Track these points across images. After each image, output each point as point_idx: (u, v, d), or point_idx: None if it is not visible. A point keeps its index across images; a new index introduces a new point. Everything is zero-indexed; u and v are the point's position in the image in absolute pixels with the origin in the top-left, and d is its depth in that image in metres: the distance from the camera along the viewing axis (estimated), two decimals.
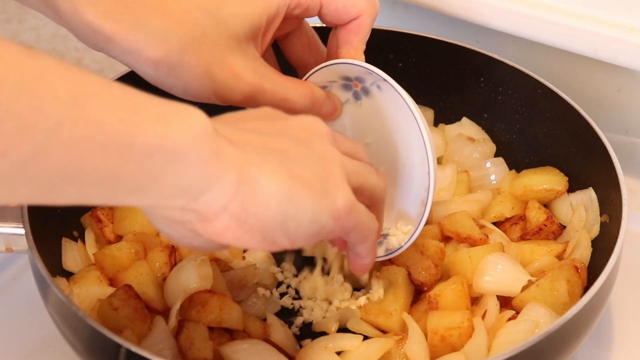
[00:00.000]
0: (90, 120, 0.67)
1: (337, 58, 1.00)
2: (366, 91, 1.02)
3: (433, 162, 0.97)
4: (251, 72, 0.95)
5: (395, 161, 1.04)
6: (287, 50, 1.05)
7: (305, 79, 1.03)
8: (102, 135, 0.67)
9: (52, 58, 0.67)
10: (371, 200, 0.90)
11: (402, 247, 1.02)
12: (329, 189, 0.80)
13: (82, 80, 0.68)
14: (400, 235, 1.02)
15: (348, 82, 1.02)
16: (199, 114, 0.73)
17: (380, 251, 1.03)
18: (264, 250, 0.79)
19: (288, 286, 1.10)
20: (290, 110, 0.97)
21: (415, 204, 1.02)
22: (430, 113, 1.25)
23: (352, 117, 1.05)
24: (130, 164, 0.69)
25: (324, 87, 1.02)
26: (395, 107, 0.99)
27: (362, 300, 1.06)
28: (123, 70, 1.14)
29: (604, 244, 1.03)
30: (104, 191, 0.70)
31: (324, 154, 0.83)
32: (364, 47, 1.01)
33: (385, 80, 0.97)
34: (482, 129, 1.23)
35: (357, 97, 1.03)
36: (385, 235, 1.03)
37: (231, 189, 0.74)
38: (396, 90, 0.97)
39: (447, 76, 1.24)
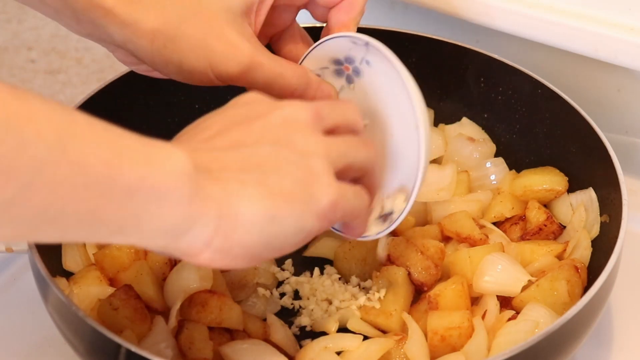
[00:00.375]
0: (74, 162, 0.68)
1: None
2: (357, 72, 1.00)
3: (423, 125, 0.94)
4: (247, 43, 0.95)
5: (392, 135, 1.01)
6: (280, 50, 1.05)
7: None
8: (85, 177, 0.68)
9: (36, 97, 0.68)
10: (362, 172, 0.90)
11: (398, 218, 0.99)
12: (312, 192, 0.81)
13: (67, 120, 0.69)
14: (398, 205, 1.01)
15: (339, 67, 1.01)
16: (179, 154, 0.75)
17: (382, 227, 1.01)
18: (253, 265, 0.80)
19: (287, 285, 1.10)
20: (285, 88, 0.97)
21: (412, 175, 1.00)
22: (430, 113, 1.25)
23: None
24: (112, 205, 0.71)
25: (317, 75, 1.02)
26: (386, 77, 0.97)
27: (362, 300, 1.06)
28: (123, 70, 1.14)
29: (604, 244, 1.03)
30: (86, 231, 0.72)
31: (305, 151, 0.82)
32: (356, 27, 1.00)
33: (371, 45, 0.96)
34: (482, 129, 1.23)
35: (349, 81, 1.02)
36: (389, 214, 1.01)
37: (213, 226, 0.76)
38: (382, 53, 0.95)
39: (447, 76, 1.24)
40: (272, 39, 1.05)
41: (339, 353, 1.00)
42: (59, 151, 0.67)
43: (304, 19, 1.06)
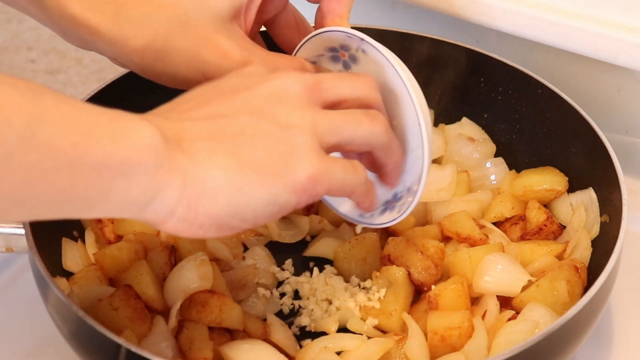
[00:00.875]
0: (43, 146, 0.69)
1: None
2: (354, 59, 1.00)
3: (424, 118, 0.94)
4: (239, 49, 0.95)
5: (393, 127, 1.00)
6: (276, 34, 1.05)
7: (294, 56, 1.02)
8: (53, 160, 0.70)
9: (7, 83, 0.69)
10: (368, 147, 0.89)
11: (405, 212, 1.00)
12: (289, 165, 0.81)
13: (36, 105, 0.70)
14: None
15: (335, 53, 1.00)
16: (146, 128, 0.76)
17: (389, 216, 1.01)
18: (226, 234, 0.80)
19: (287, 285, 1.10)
20: None
21: (415, 164, 0.99)
22: (430, 113, 1.25)
23: None
24: (81, 184, 0.72)
25: (313, 63, 1.02)
26: (383, 69, 0.97)
27: (362, 300, 1.06)
28: (123, 70, 1.14)
29: (604, 244, 1.03)
30: (54, 210, 0.73)
31: (288, 124, 0.82)
32: (349, 15, 1.00)
33: (366, 42, 0.95)
34: (482, 129, 1.23)
35: (346, 66, 1.01)
36: (396, 198, 1.01)
37: (175, 194, 0.77)
38: (379, 50, 0.95)
39: (447, 76, 1.24)
40: (267, 24, 1.05)
41: (339, 353, 1.00)
42: (28, 137, 0.68)
43: None
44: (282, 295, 1.10)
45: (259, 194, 0.80)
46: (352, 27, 0.98)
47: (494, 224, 1.13)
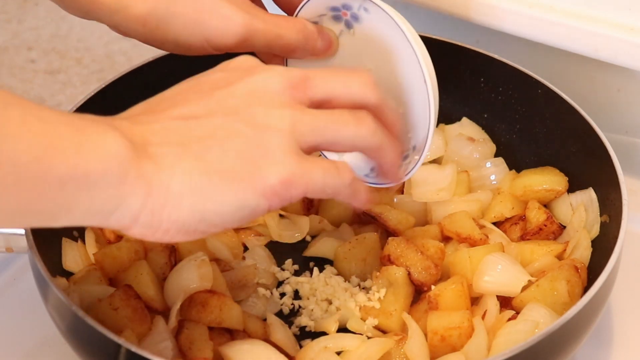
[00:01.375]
0: (5, 162, 0.69)
1: None
2: (356, 18, 0.98)
3: (429, 73, 0.93)
4: (241, 13, 0.94)
5: (399, 85, 0.99)
6: None
7: (295, 17, 1.00)
8: (16, 175, 0.70)
9: None
10: (355, 149, 0.87)
11: (412, 170, 0.98)
12: (259, 169, 0.79)
13: (0, 121, 0.69)
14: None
15: (337, 13, 0.99)
16: (112, 138, 0.75)
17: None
18: (195, 238, 0.79)
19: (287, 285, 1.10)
20: (285, 47, 0.96)
21: (421, 122, 0.98)
22: None
23: (349, 48, 1.01)
24: (44, 197, 0.72)
25: (314, 23, 1.00)
26: (387, 27, 0.96)
27: (362, 300, 1.06)
28: (123, 70, 1.14)
29: (604, 244, 1.03)
30: (16, 222, 0.73)
31: (264, 125, 0.81)
32: None
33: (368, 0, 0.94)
34: (482, 129, 1.23)
35: (349, 25, 0.99)
36: (402, 157, 0.99)
37: (139, 203, 0.76)
38: (382, 8, 0.94)
39: (447, 76, 1.23)
40: None
41: (339, 353, 1.00)
42: None
43: None
44: (282, 295, 1.10)
45: (226, 200, 0.78)
46: None
47: (494, 224, 1.13)
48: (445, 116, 1.24)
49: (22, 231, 0.99)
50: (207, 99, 0.82)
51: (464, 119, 1.24)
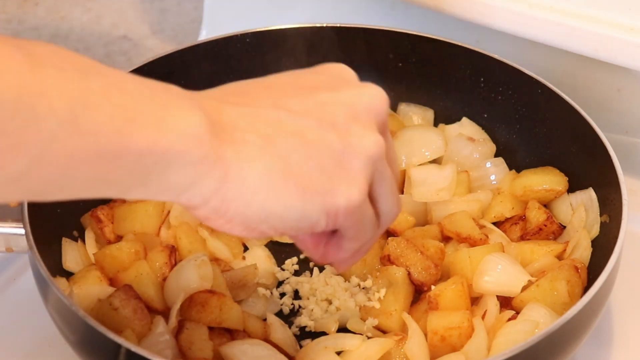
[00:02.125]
0: (85, 133, 0.67)
1: None
2: None
3: None
4: None
5: None
6: None
7: None
8: (96, 146, 0.68)
9: (53, 65, 0.67)
10: (366, 221, 0.83)
11: None
12: (334, 185, 0.77)
13: (82, 89, 0.68)
14: None
15: None
16: (194, 116, 0.73)
17: None
18: (251, 237, 0.77)
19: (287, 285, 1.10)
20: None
21: None
22: (430, 113, 1.25)
23: None
24: (122, 170, 0.70)
25: None
26: None
27: (362, 300, 1.06)
28: (123, 70, 1.14)
29: (604, 244, 1.03)
30: (91, 193, 0.72)
31: (356, 145, 0.78)
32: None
33: None
34: (482, 129, 1.23)
35: None
36: None
37: (213, 186, 0.74)
38: None
39: (447, 76, 1.24)
40: None
41: (339, 353, 1.00)
42: (71, 123, 0.66)
43: (302, 18, 1.05)
44: (282, 295, 1.10)
45: (294, 207, 0.76)
46: (353, 27, 0.98)
47: (494, 224, 1.13)
48: (445, 116, 1.25)
49: (22, 231, 0.99)
50: (306, 97, 0.79)
51: (464, 119, 1.24)
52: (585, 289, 1.00)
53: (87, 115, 0.67)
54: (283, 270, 1.12)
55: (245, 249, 1.13)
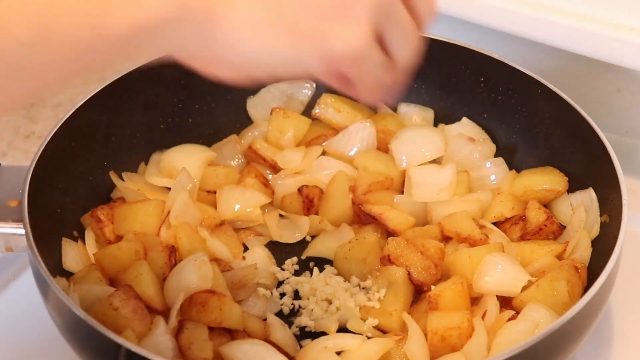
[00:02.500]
0: (62, 40, 0.70)
1: None
2: None
3: None
4: None
5: None
6: None
7: None
8: (74, 38, 0.71)
9: None
10: (392, 52, 0.81)
11: None
12: (330, 30, 0.74)
13: (46, 3, 0.70)
14: None
15: None
16: None
17: None
18: (240, 77, 0.77)
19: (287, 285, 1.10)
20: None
21: None
22: (430, 113, 1.25)
23: None
24: (103, 54, 0.73)
25: None
26: None
27: (362, 300, 1.06)
28: (123, 70, 1.14)
29: (604, 244, 1.03)
30: (85, 73, 0.74)
31: None
32: None
33: None
34: (482, 129, 1.23)
35: None
36: None
37: (199, 40, 0.74)
38: None
39: (447, 76, 1.24)
40: None
41: (339, 353, 1.00)
42: (41, 39, 0.69)
43: None
44: (282, 295, 1.10)
45: (279, 52, 0.74)
46: None
47: (494, 224, 1.13)
48: (445, 116, 1.25)
49: (22, 231, 0.99)
50: None
51: (464, 119, 1.24)
52: (585, 289, 1.00)
53: (61, 22, 0.70)
54: (283, 270, 1.12)
55: (245, 249, 1.13)
